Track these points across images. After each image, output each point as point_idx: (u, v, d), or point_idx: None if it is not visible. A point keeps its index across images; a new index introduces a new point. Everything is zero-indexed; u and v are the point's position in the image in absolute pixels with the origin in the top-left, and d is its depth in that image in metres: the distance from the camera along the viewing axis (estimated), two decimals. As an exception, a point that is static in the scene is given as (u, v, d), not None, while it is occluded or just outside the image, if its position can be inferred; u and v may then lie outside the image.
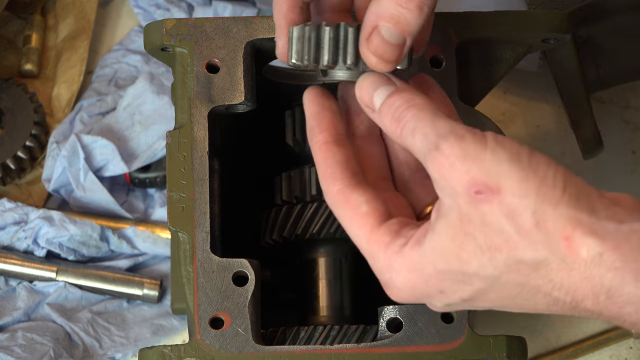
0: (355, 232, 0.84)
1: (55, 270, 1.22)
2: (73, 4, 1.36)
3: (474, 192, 0.76)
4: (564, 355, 1.20)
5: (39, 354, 1.16)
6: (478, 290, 0.79)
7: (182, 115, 0.96)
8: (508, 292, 0.78)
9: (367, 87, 0.85)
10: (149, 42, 0.98)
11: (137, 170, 1.27)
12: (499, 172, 0.76)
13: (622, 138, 1.29)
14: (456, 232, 0.78)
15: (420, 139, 0.79)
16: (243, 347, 0.92)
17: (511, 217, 0.75)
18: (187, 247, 0.94)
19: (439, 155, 0.77)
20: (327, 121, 0.88)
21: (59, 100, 1.32)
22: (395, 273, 0.82)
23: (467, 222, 0.77)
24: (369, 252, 0.84)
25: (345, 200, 0.85)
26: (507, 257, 0.76)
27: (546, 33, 0.98)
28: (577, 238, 0.74)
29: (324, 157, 0.87)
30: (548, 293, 0.77)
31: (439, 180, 0.78)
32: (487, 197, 0.76)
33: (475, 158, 0.76)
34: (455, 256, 0.78)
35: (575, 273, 0.75)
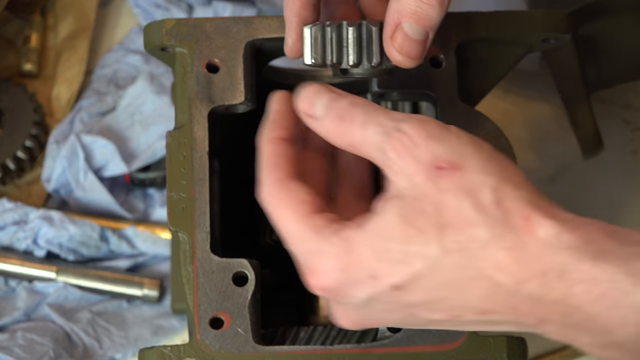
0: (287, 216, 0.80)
1: (55, 271, 1.22)
2: (73, 4, 1.36)
3: (434, 167, 0.75)
4: (564, 355, 1.20)
5: (39, 354, 1.16)
6: (415, 274, 0.75)
7: (182, 115, 0.96)
8: (446, 278, 0.75)
9: (307, 96, 0.83)
10: (148, 42, 0.98)
11: (137, 170, 1.27)
12: (463, 152, 0.75)
13: (622, 138, 1.29)
14: (406, 209, 0.75)
15: (374, 128, 0.78)
16: (243, 347, 0.92)
17: (470, 193, 0.74)
18: (187, 247, 0.94)
19: (401, 136, 0.76)
20: (291, 122, 0.86)
21: (58, 100, 1.32)
22: (326, 254, 0.78)
23: (422, 199, 0.75)
24: (298, 235, 0.80)
25: (285, 188, 0.81)
26: (459, 233, 0.74)
27: (546, 33, 0.98)
28: (536, 219, 0.73)
29: (273, 149, 0.84)
30: (490, 277, 0.74)
31: (396, 161, 0.76)
32: (448, 173, 0.75)
33: (438, 138, 0.76)
34: (401, 232, 0.75)
35: (527, 252, 0.73)
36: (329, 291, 0.79)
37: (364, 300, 0.79)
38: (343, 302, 0.80)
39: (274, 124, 0.86)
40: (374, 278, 0.77)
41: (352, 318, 0.82)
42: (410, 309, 0.78)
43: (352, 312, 0.81)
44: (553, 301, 0.73)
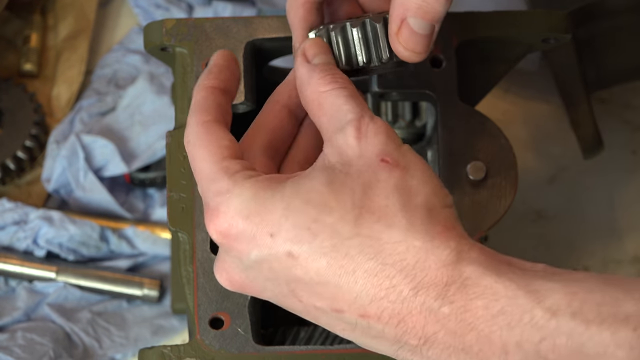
0: (203, 156, 0.78)
1: (55, 271, 1.22)
2: (73, 4, 1.36)
3: (380, 159, 0.76)
4: (564, 356, 1.20)
5: (39, 354, 1.16)
6: (316, 247, 0.73)
7: (182, 115, 0.96)
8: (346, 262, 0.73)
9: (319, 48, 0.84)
10: (148, 42, 0.98)
11: (137, 170, 1.27)
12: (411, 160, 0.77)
13: (622, 138, 1.29)
14: (335, 180, 0.75)
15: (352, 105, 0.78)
16: (243, 347, 0.92)
17: (404, 192, 0.75)
18: (187, 247, 0.94)
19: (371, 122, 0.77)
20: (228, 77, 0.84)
21: (58, 100, 1.32)
22: (235, 195, 0.75)
23: (354, 178, 0.75)
24: (211, 174, 0.77)
25: (207, 129, 0.79)
26: (377, 220, 0.73)
27: (546, 33, 0.98)
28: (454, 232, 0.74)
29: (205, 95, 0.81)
30: (390, 276, 0.72)
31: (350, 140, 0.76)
32: (390, 167, 0.75)
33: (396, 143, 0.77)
34: (320, 200, 0.74)
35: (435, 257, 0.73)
36: (224, 235, 0.76)
37: (253, 260, 0.76)
38: (231, 254, 0.77)
39: (210, 74, 0.84)
40: (272, 237, 0.74)
41: (234, 277, 0.79)
42: (295, 284, 0.76)
43: (236, 270, 0.78)
44: (446, 315, 0.72)
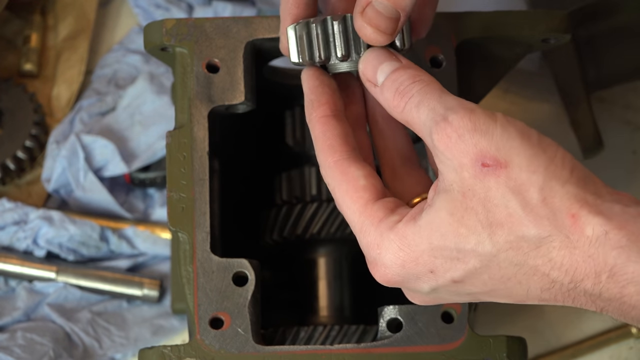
0: (348, 205, 0.82)
1: (55, 271, 1.22)
2: (73, 4, 1.36)
3: (480, 164, 0.75)
4: (564, 355, 1.20)
5: (39, 354, 1.16)
6: (472, 270, 0.77)
7: (182, 115, 0.96)
8: (503, 273, 0.77)
9: (371, 60, 0.84)
10: (148, 42, 0.98)
11: (137, 170, 1.27)
12: (509, 147, 0.75)
13: (622, 138, 1.29)
14: (456, 206, 0.76)
15: (426, 112, 0.78)
16: (243, 347, 0.92)
17: (517, 192, 0.74)
18: (187, 247, 0.94)
19: (447, 126, 0.76)
20: (328, 96, 0.86)
21: (58, 100, 1.32)
22: (384, 249, 0.80)
23: (470, 196, 0.76)
24: (359, 227, 0.81)
25: (342, 172, 0.83)
26: (509, 233, 0.75)
27: (546, 33, 0.98)
28: (583, 216, 0.73)
29: (322, 129, 0.85)
30: (546, 274, 0.75)
31: (444, 152, 0.76)
32: (494, 170, 0.75)
33: (484, 132, 0.75)
34: (453, 231, 0.76)
35: (578, 251, 0.74)
36: (392, 283, 0.81)
37: (428, 290, 0.80)
38: (410, 289, 0.82)
39: (313, 103, 0.86)
40: (433, 273, 0.79)
41: (424, 300, 0.83)
42: (474, 295, 0.80)
43: (421, 297, 0.83)
44: (609, 299, 0.74)
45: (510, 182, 0.75)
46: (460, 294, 0.80)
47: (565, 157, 0.75)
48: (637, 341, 1.22)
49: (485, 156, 0.75)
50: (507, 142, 0.75)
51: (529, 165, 0.75)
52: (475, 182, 0.75)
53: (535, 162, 0.75)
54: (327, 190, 1.03)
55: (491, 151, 0.75)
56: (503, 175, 0.75)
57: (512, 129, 0.76)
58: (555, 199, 0.74)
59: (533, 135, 0.76)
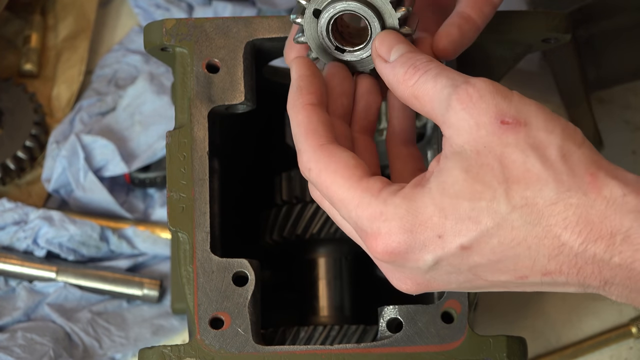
0: (340, 184, 0.79)
1: (55, 271, 1.22)
2: (73, 4, 1.36)
3: (500, 122, 0.75)
4: (564, 355, 1.20)
5: (39, 354, 1.16)
6: (483, 231, 0.75)
7: (182, 115, 0.96)
8: (514, 236, 0.75)
9: (388, 39, 0.84)
10: (148, 42, 0.98)
11: (137, 170, 1.27)
12: (527, 110, 0.76)
13: (622, 138, 1.29)
14: (471, 164, 0.75)
15: (444, 81, 0.78)
16: (243, 347, 0.92)
17: (537, 148, 0.75)
18: (187, 247, 0.94)
19: (469, 87, 0.77)
20: (316, 86, 0.85)
21: (58, 100, 1.32)
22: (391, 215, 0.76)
23: (486, 153, 0.75)
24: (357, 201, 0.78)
25: (330, 154, 0.80)
26: (526, 188, 0.74)
27: (546, 33, 0.98)
28: (601, 177, 0.74)
29: (307, 115, 0.83)
30: (557, 236, 0.74)
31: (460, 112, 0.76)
32: (514, 127, 0.75)
33: (504, 96, 0.76)
34: (468, 187, 0.75)
35: (595, 211, 0.73)
36: (394, 255, 0.77)
37: (430, 263, 0.78)
38: (408, 266, 0.79)
39: (301, 90, 0.85)
40: (441, 237, 0.76)
41: (417, 281, 0.80)
42: (476, 269, 0.77)
43: (417, 276, 0.80)
44: (618, 265, 0.74)
45: (529, 139, 0.75)
46: (462, 268, 0.77)
47: (576, 130, 0.76)
48: (637, 341, 1.22)
49: (505, 115, 0.76)
50: (525, 106, 0.76)
51: (546, 126, 0.75)
52: (493, 138, 0.75)
53: (552, 124, 0.76)
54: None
55: (511, 111, 0.76)
56: (523, 132, 0.75)
57: (528, 100, 0.77)
58: (573, 158, 0.75)
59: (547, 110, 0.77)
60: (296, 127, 0.83)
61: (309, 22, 0.87)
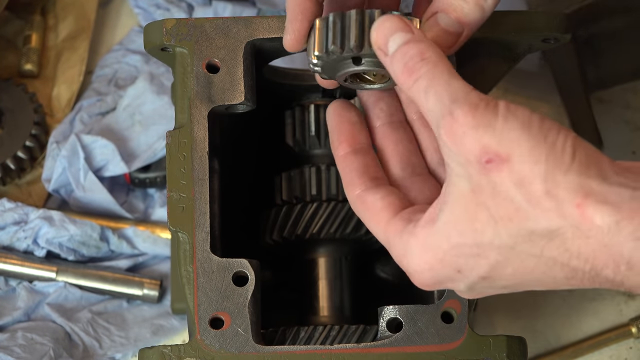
0: (375, 230, 0.86)
1: (55, 270, 1.22)
2: (73, 4, 1.36)
3: (484, 161, 0.75)
4: (564, 355, 1.20)
5: (39, 354, 1.16)
6: (494, 264, 0.78)
7: (182, 115, 0.96)
8: (525, 265, 0.77)
9: (383, 30, 0.83)
10: (148, 42, 0.98)
11: (137, 170, 1.27)
12: (510, 139, 0.75)
13: (622, 138, 1.29)
14: (468, 202, 0.77)
15: (433, 101, 0.78)
16: (243, 347, 0.92)
17: (521, 185, 0.75)
18: (187, 247, 0.94)
19: (453, 122, 0.77)
20: (346, 133, 0.91)
21: (58, 100, 1.32)
22: (410, 256, 0.82)
23: (479, 192, 0.76)
24: (387, 243, 0.85)
25: (363, 203, 0.87)
26: (519, 227, 0.75)
27: (546, 33, 0.98)
28: (590, 206, 0.73)
29: (343, 166, 0.90)
30: (565, 264, 0.75)
31: (450, 147, 0.77)
32: (497, 166, 0.75)
33: (487, 126, 0.76)
34: (469, 227, 0.77)
35: (593, 241, 0.73)
36: (429, 286, 0.83)
37: (464, 289, 0.82)
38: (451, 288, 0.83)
39: (334, 142, 0.92)
40: (461, 272, 0.80)
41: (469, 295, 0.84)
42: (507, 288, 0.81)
43: (464, 293, 0.84)
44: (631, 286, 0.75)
45: (513, 176, 0.75)
46: (496, 287, 0.81)
47: (566, 141, 0.75)
48: (637, 341, 1.22)
49: (488, 152, 0.75)
50: (509, 134, 0.75)
51: (530, 157, 0.75)
52: (482, 178, 0.76)
53: (537, 152, 0.75)
54: (327, 190, 1.03)
55: (493, 146, 0.75)
56: (506, 170, 0.75)
57: (513, 120, 0.76)
58: (559, 190, 0.74)
59: (534, 123, 0.76)
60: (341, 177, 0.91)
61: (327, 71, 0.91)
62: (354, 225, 1.02)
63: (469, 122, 0.76)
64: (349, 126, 0.92)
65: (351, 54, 0.87)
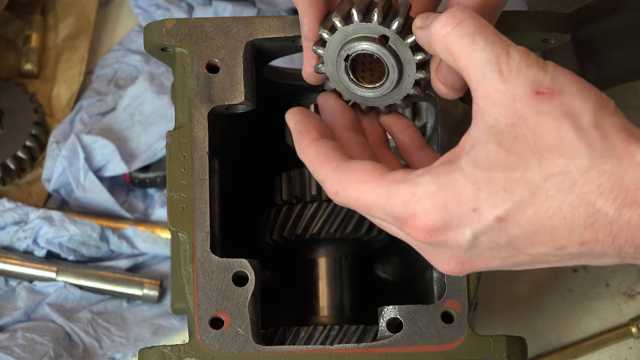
0: (364, 190, 0.80)
1: (55, 270, 1.22)
2: (73, 4, 1.36)
3: (535, 92, 0.76)
4: (564, 355, 1.20)
5: (39, 354, 1.16)
6: (518, 201, 0.76)
7: (182, 115, 0.96)
8: (549, 205, 0.76)
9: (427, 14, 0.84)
10: (148, 42, 0.98)
11: (137, 170, 1.27)
12: (561, 78, 0.77)
13: (622, 138, 1.29)
14: (505, 136, 0.76)
15: (483, 44, 0.78)
16: (243, 347, 0.92)
17: (570, 116, 0.76)
18: (187, 247, 0.94)
19: (508, 59, 0.77)
20: (313, 124, 0.87)
21: (59, 100, 1.32)
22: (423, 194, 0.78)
23: (520, 125, 0.76)
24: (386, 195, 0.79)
25: (345, 171, 0.82)
26: (559, 156, 0.75)
27: (546, 33, 0.98)
28: (634, 143, 0.75)
29: (315, 149, 0.85)
30: (592, 203, 0.75)
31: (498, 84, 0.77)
32: (548, 97, 0.76)
33: (540, 67, 0.77)
34: (502, 159, 0.76)
35: (629, 177, 0.74)
36: (433, 232, 0.78)
37: (469, 238, 0.78)
38: (449, 245, 0.79)
39: (301, 133, 0.87)
40: (476, 211, 0.77)
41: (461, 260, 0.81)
42: (515, 242, 0.78)
43: (460, 255, 0.80)
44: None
45: (563, 107, 0.76)
46: (501, 242, 0.78)
47: (609, 99, 0.78)
48: (637, 341, 1.22)
49: (541, 85, 0.77)
50: (560, 75, 0.77)
51: (580, 94, 0.77)
52: (528, 109, 0.76)
53: (586, 92, 0.77)
54: (327, 190, 1.03)
55: (546, 81, 0.77)
56: (557, 101, 0.76)
57: (562, 69, 0.78)
58: (605, 125, 0.76)
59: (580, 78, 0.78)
60: (310, 165, 0.85)
61: (329, 54, 0.89)
62: (354, 225, 1.02)
63: (525, 61, 0.77)
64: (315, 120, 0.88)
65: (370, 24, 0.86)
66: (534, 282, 1.23)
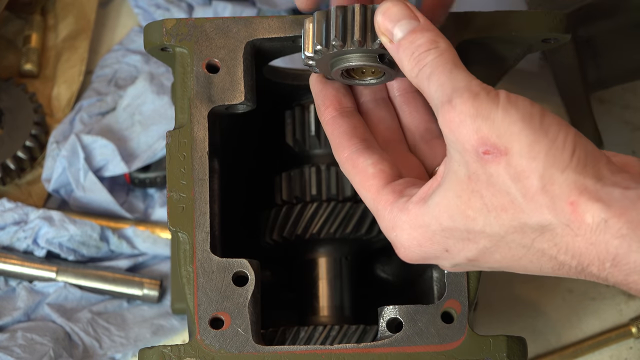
0: (364, 195, 0.86)
1: (55, 271, 1.22)
2: (73, 4, 1.36)
3: (482, 151, 0.76)
4: (564, 355, 1.20)
5: (39, 354, 1.16)
6: (483, 249, 0.79)
7: (182, 115, 0.96)
8: (513, 253, 0.78)
9: (390, 15, 0.83)
10: (148, 42, 0.98)
11: (137, 170, 1.27)
12: (509, 133, 0.75)
13: (622, 138, 1.29)
14: (463, 188, 0.78)
15: (435, 87, 0.79)
16: (243, 347, 0.92)
17: (517, 180, 0.75)
18: (187, 247, 0.94)
19: (451, 109, 0.77)
20: (331, 97, 0.91)
21: (58, 100, 1.32)
22: (399, 230, 0.82)
23: (475, 180, 0.77)
24: (375, 212, 0.85)
25: (353, 165, 0.87)
26: (512, 218, 0.76)
27: (546, 33, 0.98)
28: (583, 204, 0.74)
29: (331, 129, 0.90)
30: (553, 257, 0.77)
31: (448, 134, 0.77)
32: (494, 158, 0.76)
33: (486, 117, 0.76)
34: (461, 213, 0.78)
35: (580, 239, 0.74)
36: (416, 261, 0.84)
37: (449, 267, 0.83)
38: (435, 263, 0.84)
39: (320, 107, 0.91)
40: (448, 252, 0.81)
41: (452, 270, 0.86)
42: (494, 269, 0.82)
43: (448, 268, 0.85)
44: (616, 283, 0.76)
45: (510, 170, 0.75)
46: (482, 266, 0.82)
47: (567, 138, 0.75)
48: (637, 341, 1.22)
49: (486, 143, 0.76)
50: (509, 127, 0.75)
51: (529, 152, 0.75)
52: (478, 167, 0.77)
53: (536, 148, 0.75)
54: (327, 190, 1.03)
55: (492, 138, 0.75)
56: (503, 163, 0.76)
57: (514, 112, 0.75)
58: (554, 187, 0.75)
59: (535, 117, 0.76)
60: (330, 141, 0.90)
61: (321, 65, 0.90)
62: (354, 225, 1.02)
63: (468, 111, 0.76)
64: (334, 91, 0.91)
65: (353, 48, 0.87)
66: (534, 282, 1.23)
